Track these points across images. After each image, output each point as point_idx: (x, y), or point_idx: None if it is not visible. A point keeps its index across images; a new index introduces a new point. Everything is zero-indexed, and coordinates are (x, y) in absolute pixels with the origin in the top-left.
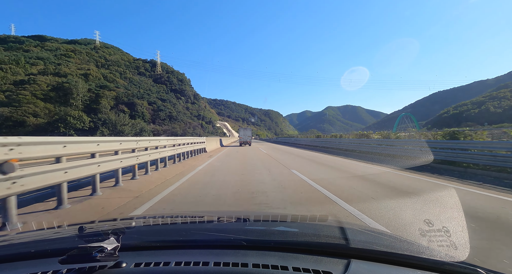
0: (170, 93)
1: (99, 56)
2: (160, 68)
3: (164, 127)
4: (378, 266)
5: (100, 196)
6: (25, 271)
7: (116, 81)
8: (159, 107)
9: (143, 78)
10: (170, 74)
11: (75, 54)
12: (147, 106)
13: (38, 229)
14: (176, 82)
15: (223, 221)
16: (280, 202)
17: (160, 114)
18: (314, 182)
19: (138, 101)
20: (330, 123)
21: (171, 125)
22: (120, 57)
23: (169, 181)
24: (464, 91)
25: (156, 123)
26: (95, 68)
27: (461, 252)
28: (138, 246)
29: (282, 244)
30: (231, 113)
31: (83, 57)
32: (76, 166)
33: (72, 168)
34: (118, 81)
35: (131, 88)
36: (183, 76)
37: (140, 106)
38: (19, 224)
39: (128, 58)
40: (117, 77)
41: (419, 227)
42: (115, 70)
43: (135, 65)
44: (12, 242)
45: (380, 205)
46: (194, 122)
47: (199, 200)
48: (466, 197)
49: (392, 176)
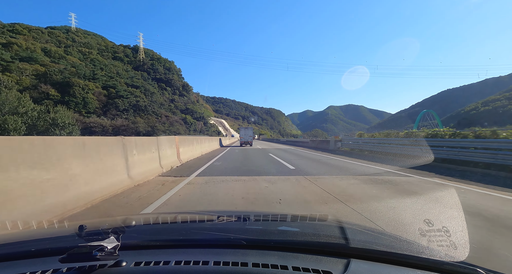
0: (151, 82)
1: (65, 38)
2: (143, 53)
3: (121, 121)
4: (378, 265)
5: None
6: (25, 270)
7: (65, 58)
8: (119, 94)
9: (116, 62)
10: (155, 62)
11: (29, 32)
12: (98, 90)
13: (38, 227)
14: (162, 70)
15: (223, 220)
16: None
17: (118, 104)
18: None
19: (80, 82)
20: (332, 123)
21: (134, 119)
22: (96, 42)
23: None
24: (478, 89)
25: (109, 115)
26: (33, 41)
27: (460, 252)
28: (138, 245)
29: (282, 243)
30: (230, 111)
31: (41, 36)
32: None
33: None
34: (69, 59)
35: (81, 68)
36: (172, 65)
37: (81, 90)
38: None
39: (107, 43)
40: (70, 55)
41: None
42: (77, 51)
43: (113, 51)
44: (12, 240)
45: None
46: (173, 117)
47: None
48: None
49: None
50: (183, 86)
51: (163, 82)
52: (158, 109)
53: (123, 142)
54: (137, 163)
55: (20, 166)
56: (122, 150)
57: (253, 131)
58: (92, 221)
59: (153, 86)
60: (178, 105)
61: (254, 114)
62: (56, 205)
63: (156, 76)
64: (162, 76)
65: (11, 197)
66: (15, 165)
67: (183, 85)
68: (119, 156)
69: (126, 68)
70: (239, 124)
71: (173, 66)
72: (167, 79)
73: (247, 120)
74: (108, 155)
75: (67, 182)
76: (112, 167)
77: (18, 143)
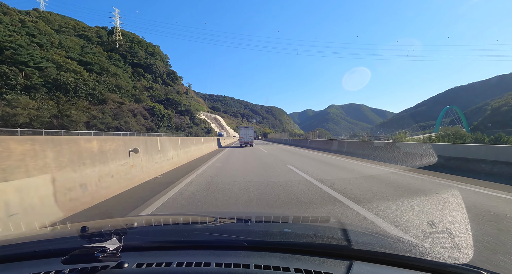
0: (123, 65)
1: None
2: (119, 33)
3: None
4: (380, 267)
5: None
6: (28, 271)
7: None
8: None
9: (73, 38)
10: (135, 45)
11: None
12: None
13: (40, 228)
14: (143, 55)
15: (224, 222)
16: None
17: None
18: None
19: None
20: (334, 123)
21: (48, 103)
22: (63, 21)
23: None
24: (485, 87)
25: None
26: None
27: (464, 254)
28: (140, 247)
29: (283, 245)
30: (228, 109)
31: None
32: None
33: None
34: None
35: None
36: (156, 50)
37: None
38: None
39: (79, 25)
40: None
41: None
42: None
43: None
44: (15, 242)
45: None
46: (136, 106)
47: None
48: None
49: None
50: (168, 74)
51: (141, 67)
52: (106, 93)
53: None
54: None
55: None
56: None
57: (254, 131)
58: (94, 222)
59: (124, 70)
60: (155, 94)
61: (254, 113)
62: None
63: (134, 60)
64: (142, 61)
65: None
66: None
67: (168, 73)
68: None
69: (85, 44)
70: (238, 123)
71: (158, 51)
72: (148, 65)
73: (247, 118)
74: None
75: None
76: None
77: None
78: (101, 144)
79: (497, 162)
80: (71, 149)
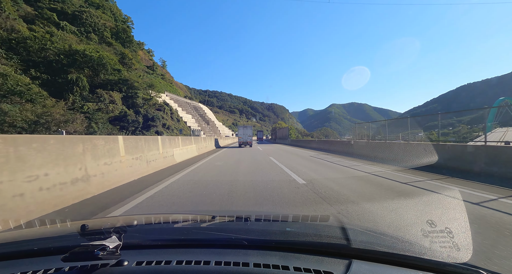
0: None
1: None
2: None
3: None
4: (379, 266)
5: None
6: (28, 269)
7: None
8: None
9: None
10: None
11: None
12: None
13: (41, 226)
14: (77, 2)
15: (224, 220)
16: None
17: None
18: None
19: None
20: (336, 122)
21: None
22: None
23: None
24: (497, 86)
25: None
26: None
27: (463, 253)
28: (140, 245)
29: (283, 243)
30: (224, 104)
31: None
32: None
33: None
34: None
35: None
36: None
37: None
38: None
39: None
40: None
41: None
42: None
43: None
44: (15, 239)
45: None
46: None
47: None
48: None
49: None
50: (117, 33)
51: (66, 15)
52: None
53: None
54: None
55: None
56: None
57: (260, 130)
58: (94, 220)
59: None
60: (81, 60)
61: (254, 110)
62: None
63: (57, 7)
64: (75, 9)
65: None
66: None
67: (118, 31)
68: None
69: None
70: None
71: (118, 11)
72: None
73: (246, 115)
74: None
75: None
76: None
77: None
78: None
79: None
80: None
